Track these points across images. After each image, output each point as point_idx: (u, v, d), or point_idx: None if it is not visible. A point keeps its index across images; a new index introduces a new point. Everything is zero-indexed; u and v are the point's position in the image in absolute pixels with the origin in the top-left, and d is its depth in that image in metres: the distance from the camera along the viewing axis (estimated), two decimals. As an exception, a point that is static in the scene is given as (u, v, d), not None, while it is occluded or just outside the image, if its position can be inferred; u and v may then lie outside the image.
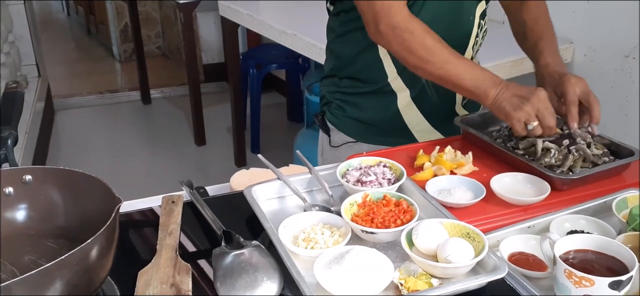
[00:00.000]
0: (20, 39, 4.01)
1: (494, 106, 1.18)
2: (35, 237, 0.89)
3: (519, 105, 1.14)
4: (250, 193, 1.05)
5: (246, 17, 2.92)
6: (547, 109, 1.14)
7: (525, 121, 1.14)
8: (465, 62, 1.21)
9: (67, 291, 0.71)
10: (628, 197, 1.03)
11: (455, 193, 1.07)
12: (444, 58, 1.19)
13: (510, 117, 1.15)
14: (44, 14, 7.29)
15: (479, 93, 1.19)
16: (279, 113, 4.42)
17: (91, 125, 4.44)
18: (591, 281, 0.77)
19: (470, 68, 1.20)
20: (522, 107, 1.13)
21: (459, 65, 1.20)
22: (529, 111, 1.13)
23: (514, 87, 1.17)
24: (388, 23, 1.19)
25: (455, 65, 1.19)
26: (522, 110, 1.13)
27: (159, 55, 5.90)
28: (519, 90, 1.16)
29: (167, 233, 0.97)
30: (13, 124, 1.03)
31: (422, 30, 1.19)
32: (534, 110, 1.13)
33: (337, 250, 0.88)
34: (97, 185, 0.85)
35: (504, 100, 1.16)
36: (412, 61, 1.22)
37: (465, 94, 1.26)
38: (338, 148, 1.46)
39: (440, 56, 1.19)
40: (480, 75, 1.19)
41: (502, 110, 1.16)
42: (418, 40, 1.19)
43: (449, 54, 1.19)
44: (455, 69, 1.19)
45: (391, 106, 1.39)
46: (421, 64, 1.21)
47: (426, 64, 1.20)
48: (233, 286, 0.84)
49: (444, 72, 1.20)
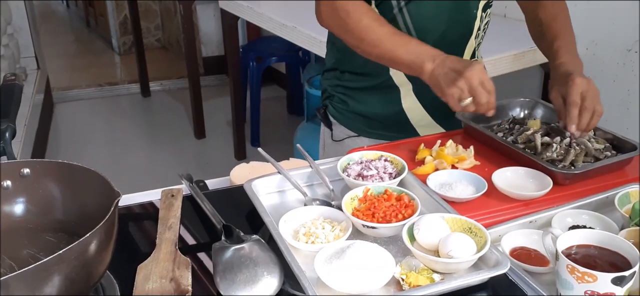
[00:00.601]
0: (19, 31, 4.00)
1: (431, 81, 1.15)
2: (33, 231, 0.89)
3: (453, 80, 1.11)
4: (250, 187, 1.04)
5: (246, 9, 2.91)
6: (482, 84, 1.10)
7: (459, 97, 1.11)
8: (401, 38, 1.21)
9: (66, 285, 0.70)
10: (630, 192, 1.02)
11: (456, 188, 1.06)
12: (378, 36, 1.20)
13: (445, 93, 1.13)
14: (43, 6, 7.27)
15: (415, 67, 1.17)
16: (279, 107, 4.41)
17: (90, 118, 4.44)
18: (594, 276, 0.76)
19: (406, 43, 1.20)
20: (455, 82, 1.10)
21: (394, 41, 1.20)
22: (461, 86, 1.10)
23: (451, 61, 1.14)
24: (329, 4, 1.24)
25: (390, 42, 1.20)
26: (455, 85, 1.10)
27: (159, 47, 5.89)
28: (455, 63, 1.13)
29: (167, 227, 0.97)
30: (11, 117, 1.03)
31: (359, 11, 1.21)
32: (468, 85, 1.10)
33: (337, 245, 0.87)
34: (95, 178, 0.84)
35: (440, 75, 1.13)
36: (350, 41, 1.25)
37: (404, 70, 1.26)
38: (340, 142, 1.46)
39: (374, 35, 1.20)
40: (416, 50, 1.18)
41: (437, 85, 1.14)
42: (354, 20, 1.21)
43: (385, 32, 1.20)
44: (391, 46, 1.19)
45: (395, 102, 1.38)
46: (358, 43, 1.23)
47: (362, 43, 1.22)
48: (233, 281, 0.83)
49: (379, 51, 1.21)
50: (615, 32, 2.10)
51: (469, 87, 1.10)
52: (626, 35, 2.06)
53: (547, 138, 1.17)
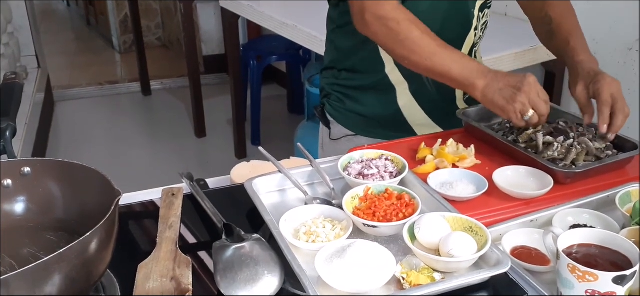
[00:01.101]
0: (19, 30, 4.00)
1: (485, 99, 1.15)
2: (34, 230, 0.89)
3: (512, 96, 1.11)
4: (250, 186, 1.04)
5: (247, 8, 2.91)
6: (539, 96, 1.11)
7: (521, 112, 1.12)
8: (452, 53, 1.19)
9: (66, 284, 0.70)
10: (631, 191, 1.02)
11: (457, 187, 1.06)
12: (431, 50, 1.17)
13: (506, 110, 1.13)
14: (43, 4, 7.26)
15: (467, 84, 1.16)
16: (280, 105, 4.41)
17: (91, 117, 4.43)
18: (595, 276, 0.76)
19: (458, 59, 1.18)
20: (515, 98, 1.11)
21: (446, 56, 1.17)
22: (523, 101, 1.11)
23: (503, 77, 1.14)
24: (374, 13, 1.19)
25: (442, 57, 1.17)
26: (516, 101, 1.11)
27: (159, 46, 5.89)
28: (509, 80, 1.13)
29: (167, 226, 0.96)
30: (11, 116, 1.02)
31: (408, 21, 1.18)
32: (528, 98, 1.11)
33: (338, 244, 0.87)
34: (96, 177, 0.84)
35: (495, 92, 1.13)
36: (399, 52, 1.21)
37: (454, 86, 1.24)
38: (338, 141, 1.46)
39: (427, 48, 1.17)
40: (468, 66, 1.16)
41: (495, 103, 1.14)
42: (404, 31, 1.18)
43: (436, 46, 1.18)
44: (442, 61, 1.17)
45: (391, 102, 1.38)
46: (408, 55, 1.20)
47: (413, 55, 1.19)
48: (234, 279, 0.83)
49: (431, 64, 1.18)
50: (616, 31, 2.10)
51: (529, 100, 1.11)
52: (627, 34, 2.06)
53: (549, 138, 1.17)
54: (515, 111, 1.12)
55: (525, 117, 1.12)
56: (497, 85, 1.13)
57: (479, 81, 1.15)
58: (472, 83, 1.15)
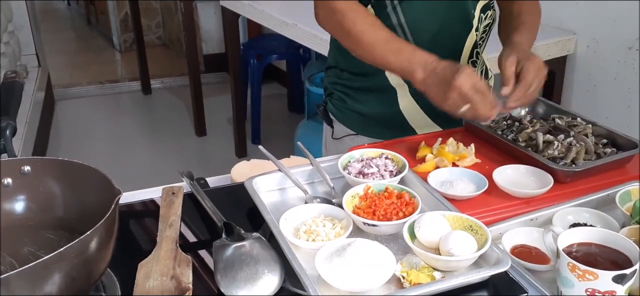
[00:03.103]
0: (20, 29, 4.00)
1: (424, 89, 1.14)
2: (34, 229, 0.89)
3: (444, 91, 1.09)
4: (251, 185, 1.04)
5: (247, 7, 2.91)
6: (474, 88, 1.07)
7: (455, 106, 1.09)
8: (394, 44, 1.19)
9: (66, 283, 0.70)
10: (631, 190, 1.02)
11: (457, 186, 1.06)
12: (372, 41, 1.19)
13: (441, 105, 1.11)
14: (43, 3, 7.25)
15: (407, 74, 1.17)
16: (280, 104, 4.41)
17: (91, 116, 4.43)
18: (595, 274, 0.76)
19: (398, 50, 1.17)
20: (447, 94, 1.08)
21: (386, 48, 1.18)
22: (454, 97, 1.08)
23: (442, 69, 1.11)
24: (325, 6, 1.23)
25: (383, 48, 1.18)
26: (448, 97, 1.08)
27: (159, 45, 5.89)
28: (445, 73, 1.10)
29: (168, 224, 0.96)
30: (11, 114, 1.02)
31: (354, 14, 1.20)
32: (458, 93, 1.07)
33: (338, 243, 0.87)
34: (96, 176, 0.84)
35: (430, 85, 1.12)
36: (346, 44, 1.24)
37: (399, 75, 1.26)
38: (340, 140, 1.46)
39: (368, 39, 1.19)
40: (408, 57, 1.15)
41: (430, 97, 1.13)
42: (348, 24, 1.20)
43: (379, 38, 1.19)
44: (382, 52, 1.18)
45: (392, 103, 1.38)
46: (353, 48, 1.23)
47: (357, 47, 1.22)
48: (234, 278, 0.83)
49: (372, 57, 1.20)
50: (617, 30, 2.10)
51: (461, 95, 1.07)
52: (627, 33, 2.06)
53: (549, 136, 1.17)
54: (449, 106, 1.10)
55: (459, 111, 1.10)
56: (433, 79, 1.12)
57: (418, 72, 1.14)
58: (411, 74, 1.15)
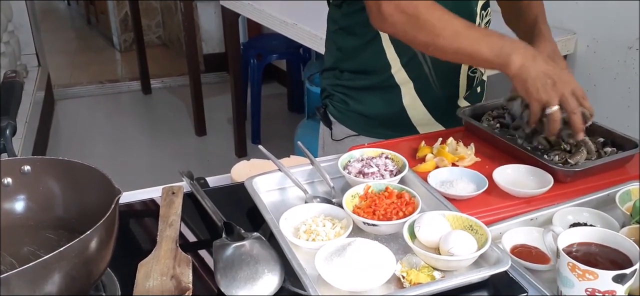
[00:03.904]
0: (20, 28, 4.00)
1: (518, 78, 1.08)
2: (34, 228, 0.89)
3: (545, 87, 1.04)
4: (251, 185, 1.04)
5: (247, 6, 2.91)
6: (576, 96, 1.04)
7: (545, 104, 1.06)
8: (479, 31, 1.12)
9: (66, 282, 0.70)
10: (631, 190, 1.02)
11: (457, 185, 1.06)
12: (456, 29, 1.10)
13: (531, 97, 1.07)
14: (43, 3, 7.25)
15: (499, 63, 1.09)
16: (280, 104, 4.41)
17: (91, 115, 4.44)
18: (595, 274, 0.76)
19: (486, 36, 1.10)
20: (548, 90, 1.03)
21: (472, 34, 1.11)
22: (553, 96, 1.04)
23: (542, 62, 1.07)
24: (391, 4, 1.13)
25: (468, 36, 1.10)
26: (548, 93, 1.03)
27: (159, 45, 5.89)
28: (547, 67, 1.06)
29: (167, 224, 0.96)
30: (11, 114, 1.02)
31: (427, 4, 1.12)
32: (559, 95, 1.04)
33: (338, 243, 0.87)
34: (96, 176, 0.84)
35: (530, 76, 1.06)
36: (421, 39, 1.13)
37: (485, 66, 1.16)
38: (340, 141, 1.45)
39: (451, 27, 1.10)
40: (498, 43, 1.09)
41: (527, 88, 1.07)
42: (423, 14, 1.11)
43: (461, 24, 1.11)
44: (468, 40, 1.10)
45: (396, 101, 1.37)
46: (432, 40, 1.12)
47: (437, 39, 1.11)
48: (234, 278, 0.83)
49: (458, 45, 1.10)
50: (617, 30, 2.10)
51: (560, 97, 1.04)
52: (627, 33, 2.06)
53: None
54: (539, 100, 1.06)
55: (547, 110, 1.06)
56: (535, 70, 1.06)
57: (515, 60, 1.07)
58: (506, 62, 1.07)
